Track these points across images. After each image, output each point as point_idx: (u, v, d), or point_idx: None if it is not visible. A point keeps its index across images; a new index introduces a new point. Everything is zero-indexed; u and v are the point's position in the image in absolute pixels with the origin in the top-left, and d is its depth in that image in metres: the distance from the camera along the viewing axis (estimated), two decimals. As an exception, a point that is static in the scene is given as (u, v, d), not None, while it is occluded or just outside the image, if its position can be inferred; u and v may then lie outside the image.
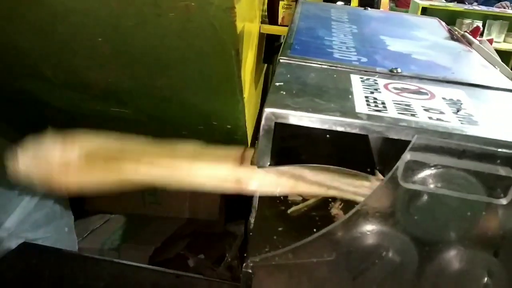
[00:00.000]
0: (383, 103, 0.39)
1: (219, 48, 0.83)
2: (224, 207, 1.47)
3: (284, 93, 0.40)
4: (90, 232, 1.44)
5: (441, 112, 0.39)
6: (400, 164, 0.35)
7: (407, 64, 0.52)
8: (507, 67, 0.69)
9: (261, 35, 1.27)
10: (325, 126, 0.36)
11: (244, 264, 0.42)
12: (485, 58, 0.65)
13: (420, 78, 0.48)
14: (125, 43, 0.86)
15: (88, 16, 0.78)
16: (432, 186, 0.35)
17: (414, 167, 0.35)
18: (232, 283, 1.06)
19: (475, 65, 0.56)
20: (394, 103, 0.40)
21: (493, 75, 0.53)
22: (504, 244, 0.37)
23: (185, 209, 1.49)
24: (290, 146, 0.42)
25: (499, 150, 0.34)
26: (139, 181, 0.43)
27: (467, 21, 3.28)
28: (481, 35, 3.27)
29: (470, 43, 0.65)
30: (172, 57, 0.89)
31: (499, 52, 3.46)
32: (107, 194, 1.38)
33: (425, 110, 0.39)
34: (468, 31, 0.75)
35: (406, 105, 0.40)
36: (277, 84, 0.41)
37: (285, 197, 0.51)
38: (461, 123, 0.37)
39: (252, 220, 1.05)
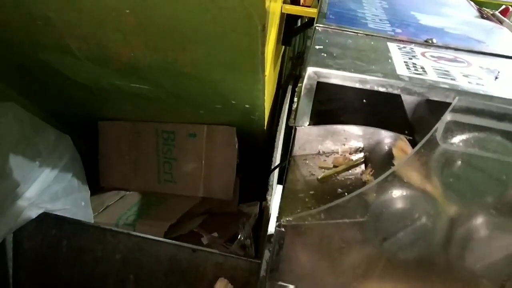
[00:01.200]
0: (422, 67, 0.40)
1: (245, 23, 0.83)
2: (238, 187, 1.48)
3: (324, 55, 0.40)
4: (106, 208, 1.46)
5: (480, 78, 0.40)
6: (440, 125, 0.35)
7: (441, 36, 0.53)
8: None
9: (282, 16, 1.27)
10: (367, 86, 0.36)
11: (277, 223, 0.43)
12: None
13: (456, 49, 0.48)
14: (152, 15, 0.86)
15: (118, -14, 0.79)
16: (470, 148, 0.36)
17: (454, 128, 0.35)
18: (248, 258, 1.07)
19: (508, 40, 0.57)
20: (433, 68, 0.40)
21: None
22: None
23: (199, 189, 1.50)
24: (327, 109, 0.43)
25: None
26: None
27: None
28: (499, 26, 3.24)
29: (501, 22, 0.65)
30: (198, 31, 0.89)
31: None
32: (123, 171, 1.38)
33: (464, 76, 0.40)
34: (498, 11, 0.75)
35: (445, 70, 0.40)
36: (317, 47, 0.42)
37: (316, 163, 0.52)
38: (500, 89, 0.38)
39: (268, 197, 1.06)
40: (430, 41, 0.49)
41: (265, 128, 1.30)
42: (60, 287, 1.12)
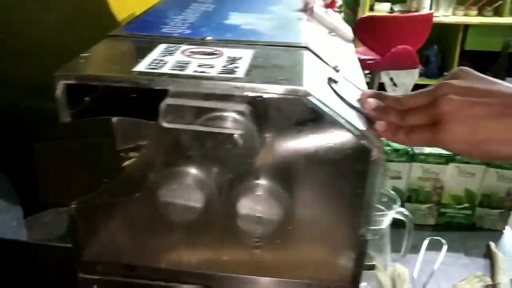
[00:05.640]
0: (164, 63, 0.48)
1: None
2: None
3: (83, 61, 0.48)
4: (41, 225, 1.51)
5: (211, 67, 0.47)
6: (162, 108, 0.43)
7: (226, 32, 0.60)
8: (348, 34, 0.78)
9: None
10: (103, 84, 0.44)
11: (67, 209, 0.50)
12: (323, 24, 0.73)
13: (227, 42, 0.56)
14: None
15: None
16: (192, 125, 0.44)
17: (173, 110, 0.43)
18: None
19: (295, 29, 0.64)
20: (175, 62, 0.48)
21: (307, 37, 0.61)
22: (261, 169, 0.46)
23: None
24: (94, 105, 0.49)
25: (235, 94, 0.43)
26: None
27: (416, -4, 3.39)
28: (430, 9, 3.38)
29: (312, 13, 0.74)
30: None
31: (448, 25, 3.57)
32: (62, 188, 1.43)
33: (198, 66, 0.47)
34: (325, 4, 0.84)
35: (184, 63, 0.48)
36: (83, 55, 0.49)
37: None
38: (220, 74, 0.46)
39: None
40: (206, 39, 0.57)
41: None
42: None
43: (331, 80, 0.50)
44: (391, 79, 3.07)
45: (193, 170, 0.47)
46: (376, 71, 2.97)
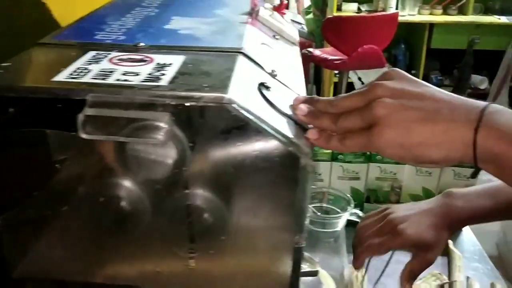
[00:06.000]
0: (87, 71, 0.46)
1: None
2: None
3: (2, 71, 0.46)
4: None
5: (136, 74, 0.46)
6: (80, 119, 0.41)
7: (161, 38, 0.59)
8: (294, 36, 0.77)
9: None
10: (19, 95, 0.42)
11: (-7, 224, 0.48)
12: (267, 28, 0.73)
13: (160, 48, 0.55)
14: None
15: None
16: (114, 135, 0.42)
17: (93, 120, 0.42)
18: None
19: (234, 34, 0.63)
20: (98, 71, 0.46)
21: (244, 42, 0.60)
22: (190, 179, 0.45)
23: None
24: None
25: (157, 102, 0.42)
26: None
27: (382, -4, 3.43)
28: (396, 8, 3.42)
29: (256, 16, 0.73)
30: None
31: (414, 24, 3.61)
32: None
33: (122, 74, 0.46)
34: (274, 6, 0.83)
35: (109, 71, 0.46)
36: (3, 64, 0.47)
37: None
38: (143, 82, 0.44)
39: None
40: (138, 45, 0.55)
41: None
42: None
43: (262, 86, 0.49)
44: (359, 78, 3.10)
45: (120, 182, 0.46)
46: (344, 71, 2.99)
